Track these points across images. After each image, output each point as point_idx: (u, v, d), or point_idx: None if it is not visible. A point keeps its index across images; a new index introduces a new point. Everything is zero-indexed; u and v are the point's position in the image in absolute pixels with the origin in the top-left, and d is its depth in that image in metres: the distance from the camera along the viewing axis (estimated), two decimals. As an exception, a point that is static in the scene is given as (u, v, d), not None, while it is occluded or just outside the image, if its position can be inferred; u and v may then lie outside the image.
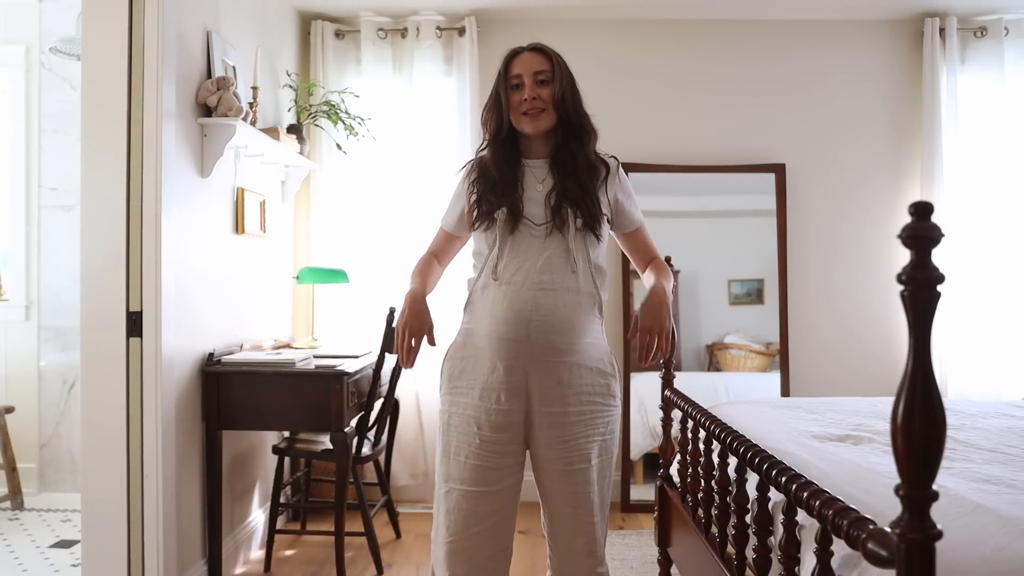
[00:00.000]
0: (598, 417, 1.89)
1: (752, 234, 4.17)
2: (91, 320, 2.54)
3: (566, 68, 1.95)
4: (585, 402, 1.88)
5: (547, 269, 1.85)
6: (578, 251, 1.88)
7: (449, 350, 1.98)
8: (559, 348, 1.84)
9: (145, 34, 2.52)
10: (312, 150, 3.95)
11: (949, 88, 4.03)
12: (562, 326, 1.84)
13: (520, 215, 1.89)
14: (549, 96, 1.90)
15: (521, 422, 1.87)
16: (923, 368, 0.92)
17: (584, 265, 1.89)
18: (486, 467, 1.86)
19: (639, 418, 4.04)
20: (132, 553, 2.54)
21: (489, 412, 1.86)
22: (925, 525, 0.95)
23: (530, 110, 1.90)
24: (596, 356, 1.91)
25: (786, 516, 1.58)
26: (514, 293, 1.85)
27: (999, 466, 1.97)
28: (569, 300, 1.85)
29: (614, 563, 3.20)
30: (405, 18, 4.09)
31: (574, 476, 1.86)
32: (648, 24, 4.19)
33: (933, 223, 0.91)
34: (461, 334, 1.96)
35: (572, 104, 1.93)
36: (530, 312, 1.83)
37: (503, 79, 1.94)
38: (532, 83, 1.90)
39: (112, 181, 2.52)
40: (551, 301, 1.83)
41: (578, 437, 1.87)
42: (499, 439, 1.86)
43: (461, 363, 1.93)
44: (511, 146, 1.97)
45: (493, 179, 1.93)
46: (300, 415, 2.97)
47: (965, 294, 4.00)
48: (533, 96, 1.89)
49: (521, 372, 1.84)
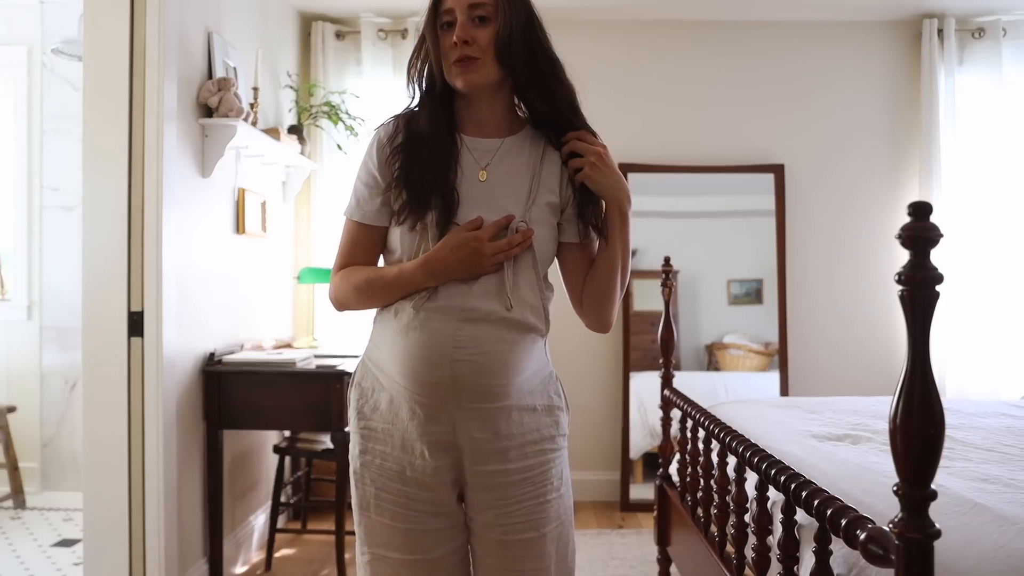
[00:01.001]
0: (549, 469, 1.44)
1: (751, 234, 4.17)
2: (92, 320, 2.54)
3: (517, 4, 1.40)
4: (530, 454, 1.42)
5: (481, 293, 1.38)
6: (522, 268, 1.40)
7: (357, 372, 1.51)
8: (494, 392, 1.38)
9: (146, 35, 2.53)
10: (313, 150, 3.95)
11: (947, 89, 4.04)
12: (496, 366, 1.37)
13: (452, 215, 1.38)
14: (489, 39, 1.37)
15: (453, 480, 1.43)
16: (921, 368, 0.92)
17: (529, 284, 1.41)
18: (419, 530, 1.42)
19: (639, 418, 4.04)
20: (134, 552, 2.54)
21: (414, 468, 1.41)
22: (923, 524, 0.95)
23: (460, 57, 1.37)
24: (540, 391, 1.45)
25: (785, 515, 1.58)
26: (435, 323, 1.37)
27: (997, 465, 1.98)
28: (506, 333, 1.38)
29: (613, 562, 3.21)
30: (405, 19, 4.09)
31: (514, 549, 1.42)
32: (648, 25, 4.20)
33: (931, 223, 0.91)
34: (370, 354, 1.50)
35: (524, 49, 1.39)
36: (453, 349, 1.36)
37: (432, 15, 1.42)
38: (465, 20, 1.37)
39: (113, 181, 2.53)
40: (482, 334, 1.36)
41: (522, 499, 1.41)
42: (431, 498, 1.42)
43: (374, 397, 1.46)
44: (448, 112, 1.45)
45: (428, 152, 1.40)
46: (301, 415, 2.97)
47: (964, 294, 4.01)
48: (464, 39, 1.36)
49: (447, 421, 1.39)
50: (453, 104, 1.46)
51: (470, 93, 1.42)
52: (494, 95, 1.44)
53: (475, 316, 1.37)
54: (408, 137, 1.43)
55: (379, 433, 1.44)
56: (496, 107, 1.45)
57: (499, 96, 1.45)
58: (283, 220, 3.85)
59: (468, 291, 1.37)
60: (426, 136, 1.41)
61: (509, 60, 1.38)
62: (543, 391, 1.46)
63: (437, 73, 1.42)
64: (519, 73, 1.41)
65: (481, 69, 1.38)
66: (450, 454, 1.41)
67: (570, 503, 1.50)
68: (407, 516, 1.42)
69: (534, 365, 1.44)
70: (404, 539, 1.42)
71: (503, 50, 1.37)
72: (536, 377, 1.45)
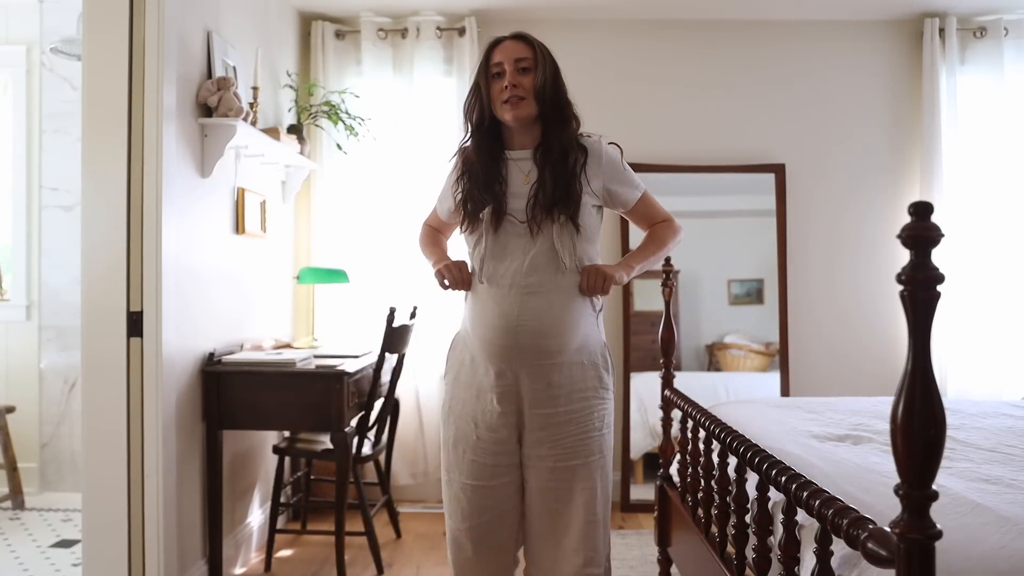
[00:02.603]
0: (592, 412, 1.88)
1: (752, 234, 4.17)
2: (92, 320, 2.54)
3: (549, 56, 1.91)
4: (576, 399, 1.86)
5: (533, 270, 1.83)
6: (564, 247, 1.83)
7: (455, 339, 2.01)
8: (549, 351, 1.83)
9: (146, 34, 2.53)
10: (312, 150, 3.95)
11: (949, 88, 4.03)
12: (551, 329, 1.82)
13: (504, 213, 1.86)
14: (531, 84, 1.87)
15: (515, 423, 1.89)
16: (923, 368, 0.92)
17: (571, 261, 1.85)
18: (482, 463, 1.89)
19: (639, 418, 4.04)
20: (133, 553, 2.54)
21: (485, 413, 1.89)
22: (925, 525, 0.95)
23: (511, 98, 1.86)
24: (588, 350, 1.89)
25: (786, 516, 1.58)
26: (501, 297, 1.83)
27: (999, 466, 1.97)
28: (556, 300, 1.83)
29: (614, 562, 3.19)
30: (405, 18, 4.09)
31: (564, 472, 1.85)
32: (648, 24, 4.20)
33: (933, 223, 0.91)
34: (462, 326, 1.99)
35: (552, 93, 1.88)
36: (517, 317, 1.81)
37: (484, 68, 1.92)
38: (513, 71, 1.87)
39: (113, 181, 2.53)
40: (538, 304, 1.82)
41: (569, 436, 1.86)
42: (494, 438, 1.89)
43: (461, 356, 1.96)
44: (494, 138, 1.94)
45: (477, 174, 1.90)
46: (300, 415, 2.97)
47: (965, 294, 4.00)
48: (514, 84, 1.86)
49: (512, 376, 1.86)
50: (499, 131, 1.95)
51: (517, 124, 1.90)
52: (532, 124, 1.92)
53: (533, 289, 1.83)
54: (464, 167, 1.95)
55: (462, 385, 1.93)
56: (531, 132, 1.93)
57: (534, 125, 1.92)
58: (283, 220, 3.85)
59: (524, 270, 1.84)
60: (474, 162, 1.93)
61: (542, 100, 1.88)
62: (592, 350, 1.90)
63: (487, 110, 1.91)
64: (548, 109, 1.89)
65: (526, 107, 1.88)
66: (513, 402, 1.87)
67: (611, 442, 1.93)
68: (475, 451, 1.90)
69: (585, 328, 1.88)
70: (470, 468, 1.90)
71: (540, 93, 1.88)
72: (587, 342, 1.89)
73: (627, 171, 1.99)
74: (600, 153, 1.93)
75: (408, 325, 3.34)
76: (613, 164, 1.96)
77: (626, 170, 1.99)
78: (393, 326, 3.07)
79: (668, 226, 2.06)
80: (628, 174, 1.99)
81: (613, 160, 1.96)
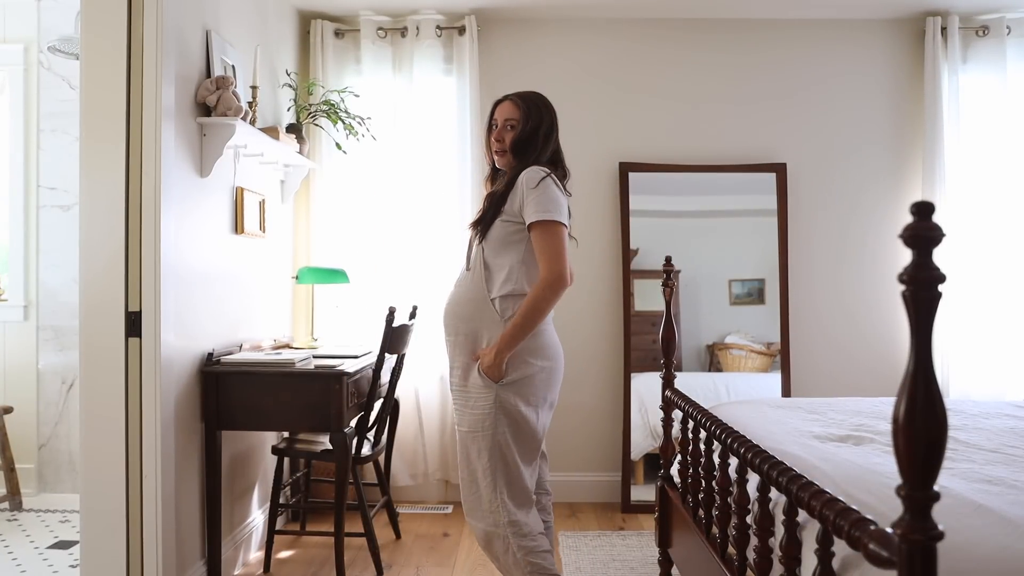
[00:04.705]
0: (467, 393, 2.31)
1: (753, 234, 4.16)
2: (90, 320, 2.53)
3: (536, 113, 2.34)
4: (456, 376, 2.35)
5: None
6: (476, 255, 2.33)
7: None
8: (448, 328, 2.38)
9: (144, 33, 2.52)
10: (312, 150, 3.94)
11: (951, 87, 4.02)
12: (451, 312, 2.36)
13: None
14: (511, 140, 2.34)
15: None
16: (924, 368, 0.91)
17: (478, 265, 2.32)
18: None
19: (639, 418, 4.03)
20: (131, 554, 2.53)
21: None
22: (926, 526, 0.95)
23: (497, 149, 2.39)
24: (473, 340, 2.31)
25: (787, 517, 1.57)
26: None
27: (1001, 467, 1.96)
28: (461, 295, 2.35)
29: (614, 564, 3.19)
30: (405, 17, 4.08)
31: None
32: (649, 23, 4.19)
33: (934, 223, 0.91)
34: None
35: (522, 147, 2.33)
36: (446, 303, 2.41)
37: (488, 122, 2.44)
38: (502, 128, 2.37)
39: (111, 181, 2.52)
40: (454, 294, 2.38)
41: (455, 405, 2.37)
42: None
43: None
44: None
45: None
46: (300, 415, 2.96)
47: (967, 294, 3.99)
48: (498, 139, 2.38)
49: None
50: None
51: (500, 167, 2.44)
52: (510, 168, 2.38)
53: (459, 283, 2.41)
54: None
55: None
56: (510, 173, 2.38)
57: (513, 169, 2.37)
58: (282, 219, 3.84)
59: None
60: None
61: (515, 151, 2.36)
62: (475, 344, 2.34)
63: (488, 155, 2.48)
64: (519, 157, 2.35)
65: (506, 158, 2.39)
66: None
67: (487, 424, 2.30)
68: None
69: (478, 322, 2.32)
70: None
71: (513, 147, 2.36)
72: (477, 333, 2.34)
73: (535, 196, 2.22)
74: (521, 180, 2.26)
75: (408, 325, 3.34)
76: (522, 186, 2.26)
77: (533, 193, 2.23)
78: (393, 326, 3.06)
79: (536, 287, 2.23)
80: (534, 198, 2.22)
81: (523, 183, 2.26)
